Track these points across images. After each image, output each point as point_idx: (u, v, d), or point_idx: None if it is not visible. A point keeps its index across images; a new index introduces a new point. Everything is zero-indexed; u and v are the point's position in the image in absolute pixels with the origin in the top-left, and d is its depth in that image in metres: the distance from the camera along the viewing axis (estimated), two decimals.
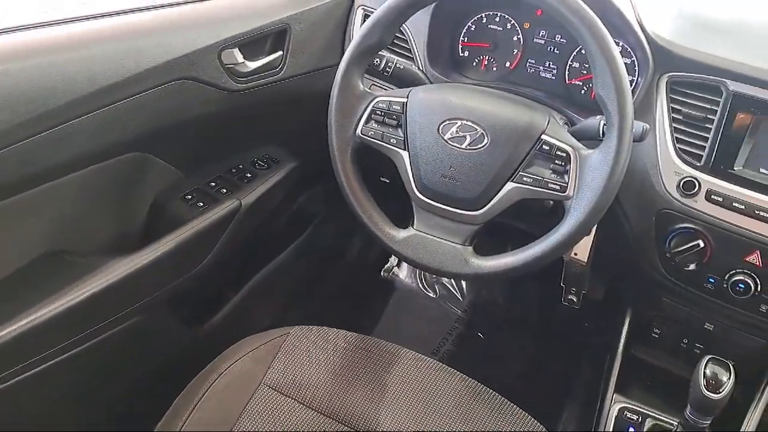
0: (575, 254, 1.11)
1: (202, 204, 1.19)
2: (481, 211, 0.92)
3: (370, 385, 1.04)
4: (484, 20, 1.18)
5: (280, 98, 1.22)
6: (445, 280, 1.81)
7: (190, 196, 1.20)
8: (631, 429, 1.11)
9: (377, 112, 0.96)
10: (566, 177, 0.87)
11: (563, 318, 1.69)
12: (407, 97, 0.95)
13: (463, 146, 0.91)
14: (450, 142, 0.91)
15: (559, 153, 0.88)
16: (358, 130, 0.97)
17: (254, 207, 1.25)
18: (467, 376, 1.07)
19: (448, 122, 0.92)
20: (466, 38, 1.20)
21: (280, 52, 1.18)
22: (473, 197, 0.91)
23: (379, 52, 1.00)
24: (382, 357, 1.08)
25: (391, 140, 0.95)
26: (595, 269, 1.38)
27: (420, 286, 1.81)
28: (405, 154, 0.95)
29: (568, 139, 0.89)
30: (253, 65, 1.13)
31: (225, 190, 1.24)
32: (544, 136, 0.89)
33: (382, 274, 1.83)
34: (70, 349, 1.02)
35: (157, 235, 1.12)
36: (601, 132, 0.88)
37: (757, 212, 0.96)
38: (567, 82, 1.14)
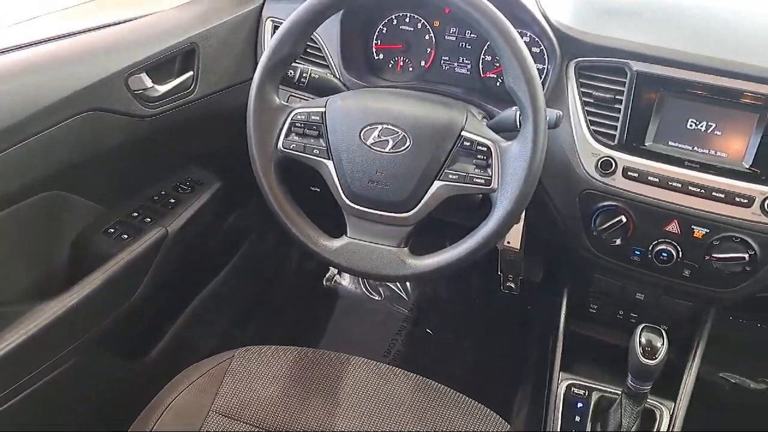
0: (508, 242, 1.13)
1: (126, 236, 1.15)
2: (412, 212, 0.92)
3: (322, 398, 1.03)
4: (395, 22, 1.19)
5: (195, 119, 1.19)
6: None
7: (113, 230, 1.16)
8: (580, 404, 1.14)
9: (297, 124, 0.95)
10: (489, 170, 0.89)
11: (506, 304, 1.72)
12: (325, 107, 0.95)
13: (387, 150, 0.91)
14: (373, 147, 0.92)
15: (480, 148, 0.89)
16: (280, 144, 0.95)
17: (182, 233, 1.22)
18: (419, 375, 1.08)
19: (369, 127, 0.92)
20: (378, 41, 1.21)
21: (191, 73, 1.15)
22: (403, 199, 0.92)
23: (293, 63, 0.99)
24: (331, 368, 1.07)
25: (314, 151, 0.95)
26: (530, 254, 1.41)
27: (364, 290, 1.81)
28: (330, 163, 0.94)
29: (487, 133, 0.91)
30: (163, 89, 1.10)
31: (149, 219, 1.20)
32: (464, 133, 0.90)
33: (324, 283, 1.82)
34: (3, 402, 0.96)
35: (82, 273, 1.08)
36: (517, 123, 0.91)
37: (670, 183, 1.01)
38: (482, 75, 1.17)
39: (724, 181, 0.99)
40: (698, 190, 1.00)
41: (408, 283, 1.82)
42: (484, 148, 0.89)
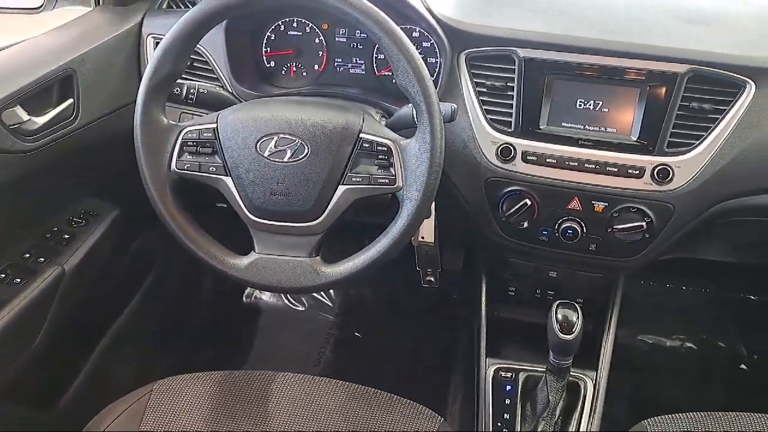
0: (422, 237, 1.14)
1: (19, 280, 1.07)
2: (319, 219, 0.91)
3: (251, 421, 1.00)
4: (282, 28, 1.17)
5: (82, 148, 1.12)
6: None
7: (3, 275, 1.07)
8: (508, 387, 1.17)
9: (189, 143, 0.91)
10: (392, 169, 0.89)
11: (432, 297, 1.73)
12: (216, 122, 0.92)
13: (286, 160, 0.89)
14: (271, 158, 0.89)
15: (380, 148, 0.89)
16: (173, 166, 0.91)
17: (80, 268, 1.15)
18: (349, 382, 1.06)
19: (264, 139, 0.89)
20: (268, 48, 1.18)
21: (71, 100, 1.08)
22: (308, 208, 0.90)
23: (178, 80, 0.95)
24: (257, 388, 1.04)
25: (211, 168, 0.91)
26: (447, 244, 1.43)
27: (287, 302, 1.78)
28: (228, 179, 0.91)
29: (386, 132, 0.91)
30: (41, 120, 1.02)
31: (43, 259, 1.12)
32: (362, 135, 0.90)
33: (244, 300, 1.77)
34: None
35: None
36: (415, 119, 0.91)
37: (567, 163, 1.04)
38: (377, 74, 1.17)
39: (616, 156, 1.03)
40: (593, 166, 1.04)
41: (331, 290, 1.80)
42: (385, 148, 0.89)
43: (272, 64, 1.19)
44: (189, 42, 0.89)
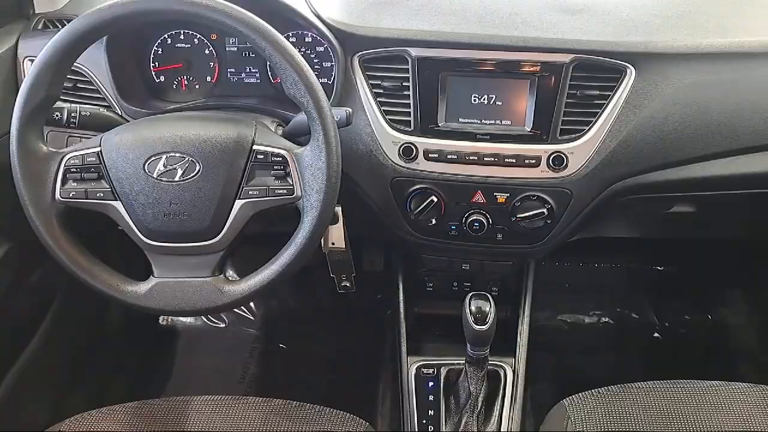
0: (333, 243, 1.13)
1: None
2: (218, 237, 0.89)
3: None
4: (170, 41, 1.13)
5: None
6: None
7: None
8: (431, 383, 1.18)
9: (72, 170, 0.87)
10: (290, 179, 0.88)
11: (356, 300, 1.73)
12: (100, 145, 0.87)
13: (177, 179, 0.86)
14: (161, 178, 0.86)
15: (275, 159, 0.88)
16: (57, 196, 0.87)
17: None
18: (271, 398, 1.04)
19: (152, 159, 0.86)
20: (156, 63, 1.14)
21: None
22: (206, 226, 0.88)
23: (59, 103, 0.90)
24: (173, 416, 1.00)
25: (98, 194, 0.87)
26: (365, 246, 1.42)
27: (205, 320, 1.73)
28: (118, 204, 0.88)
29: (280, 142, 0.90)
30: None
31: None
32: (255, 147, 0.88)
33: (160, 322, 1.71)
34: None
35: None
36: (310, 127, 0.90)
37: (467, 157, 1.06)
38: (273, 82, 1.15)
39: (512, 147, 1.06)
40: (492, 159, 1.06)
41: (252, 302, 1.76)
42: (280, 158, 0.88)
43: (162, 78, 1.15)
44: (63, 64, 0.85)
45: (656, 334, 1.82)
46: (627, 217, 1.52)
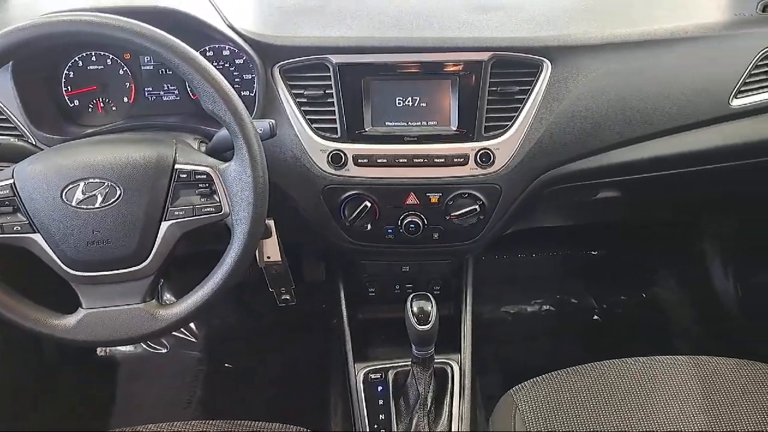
0: (269, 257, 1.11)
1: None
2: (146, 262, 0.86)
3: None
4: (81, 63, 1.08)
5: None
6: None
7: None
8: (380, 387, 1.18)
9: None
10: (216, 196, 0.86)
11: (300, 311, 1.71)
12: (13, 177, 0.83)
13: (98, 205, 0.83)
14: (81, 206, 0.83)
15: (199, 177, 0.86)
16: None
17: None
18: (217, 420, 1.02)
19: (70, 187, 0.83)
20: (69, 87, 1.09)
21: None
22: (132, 252, 0.85)
23: None
24: None
25: (15, 228, 0.83)
26: (302, 257, 1.41)
27: (145, 347, 1.67)
28: (37, 236, 0.84)
29: (203, 159, 0.88)
30: None
31: None
32: (177, 166, 0.86)
33: (99, 353, 1.64)
34: None
35: None
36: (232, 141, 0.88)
37: (397, 160, 1.07)
38: (193, 98, 1.12)
39: (440, 147, 1.07)
40: (422, 160, 1.07)
41: (191, 324, 1.72)
42: (204, 176, 0.86)
43: (76, 102, 1.10)
44: None
45: (596, 317, 1.88)
46: (557, 207, 1.57)
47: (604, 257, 1.97)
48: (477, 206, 1.10)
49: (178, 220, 0.85)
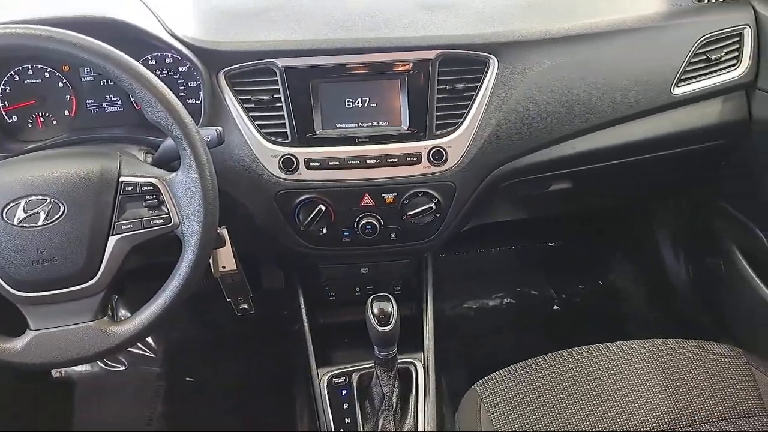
0: (224, 267, 1.09)
1: None
2: (96, 278, 0.83)
3: None
4: (17, 77, 1.04)
5: None
6: None
7: None
8: (344, 391, 1.17)
9: None
10: (164, 208, 0.84)
11: (260, 320, 1.69)
12: None
13: (41, 223, 0.80)
14: (23, 225, 0.80)
15: (145, 188, 0.84)
16: None
17: None
18: None
19: (10, 206, 0.80)
20: (5, 102, 1.05)
21: None
22: (79, 269, 0.82)
23: None
24: None
25: None
26: (260, 264, 1.39)
27: (102, 365, 1.62)
28: None
29: (149, 170, 0.86)
30: None
31: None
32: (123, 179, 0.84)
33: (54, 375, 1.59)
34: None
35: None
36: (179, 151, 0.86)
37: (349, 162, 1.06)
38: (137, 108, 1.09)
39: (393, 147, 1.07)
40: (375, 161, 1.07)
41: (149, 339, 1.67)
42: (151, 187, 0.84)
43: (15, 118, 1.06)
44: None
45: (556, 307, 1.91)
46: (512, 201, 1.59)
47: (561, 248, 2.01)
48: (432, 204, 1.10)
49: (126, 233, 0.83)
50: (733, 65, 1.17)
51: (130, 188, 0.83)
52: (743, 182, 1.37)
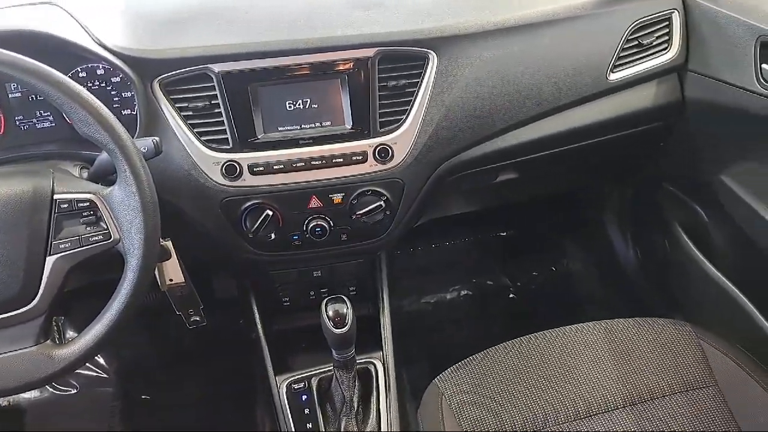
0: (171, 280, 1.07)
1: None
2: (35, 301, 0.80)
3: None
4: None
5: None
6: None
7: None
8: (304, 396, 1.16)
9: None
10: (103, 223, 0.82)
11: (215, 331, 1.65)
12: None
13: None
14: None
15: (81, 205, 0.81)
16: None
17: None
18: None
19: None
20: None
21: None
22: (16, 293, 0.79)
23: None
24: None
25: None
26: (209, 275, 1.36)
27: (52, 390, 1.56)
28: None
29: (84, 186, 0.83)
30: None
31: None
32: (57, 197, 0.81)
33: (1, 404, 1.53)
34: None
35: None
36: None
37: (294, 165, 1.05)
38: (69, 122, 1.05)
39: (338, 147, 1.06)
40: (320, 162, 1.06)
41: (99, 357, 1.62)
42: (87, 203, 0.81)
43: None
44: None
45: (512, 295, 1.94)
46: (462, 194, 1.60)
47: (513, 237, 2.03)
48: (382, 202, 1.10)
49: (65, 252, 0.80)
50: (664, 49, 1.20)
51: (65, 206, 0.80)
52: (681, 162, 1.42)
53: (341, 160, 1.06)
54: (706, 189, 1.33)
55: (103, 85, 1.04)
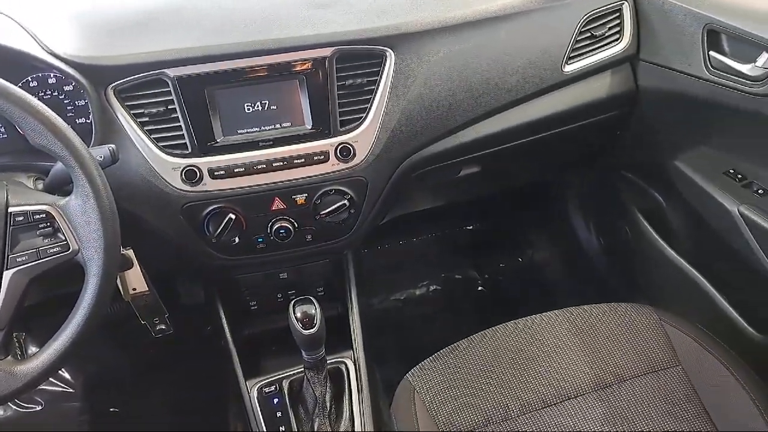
0: (134, 289, 1.05)
1: None
2: None
3: None
4: None
5: None
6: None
7: None
8: (275, 399, 1.15)
9: None
10: (61, 235, 0.80)
11: (184, 340, 1.63)
12: None
13: None
14: None
15: (37, 217, 0.79)
16: None
17: None
18: None
19: None
20: None
21: None
22: None
23: None
24: None
25: None
26: (175, 282, 1.34)
27: (16, 408, 1.52)
28: None
29: (39, 197, 0.81)
30: None
31: None
32: (11, 209, 0.79)
33: None
34: None
35: None
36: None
37: (255, 167, 1.04)
38: (22, 133, 1.03)
39: (298, 147, 1.06)
40: (281, 163, 1.05)
41: (62, 371, 1.58)
42: (43, 215, 0.79)
43: None
44: None
45: (480, 288, 1.96)
46: (427, 189, 1.61)
47: (480, 230, 2.05)
48: (346, 201, 1.10)
49: (22, 266, 0.78)
50: (616, 40, 1.23)
51: (21, 218, 0.78)
52: (638, 149, 1.45)
53: (303, 160, 1.06)
54: (663, 175, 1.37)
55: (56, 94, 1.01)
